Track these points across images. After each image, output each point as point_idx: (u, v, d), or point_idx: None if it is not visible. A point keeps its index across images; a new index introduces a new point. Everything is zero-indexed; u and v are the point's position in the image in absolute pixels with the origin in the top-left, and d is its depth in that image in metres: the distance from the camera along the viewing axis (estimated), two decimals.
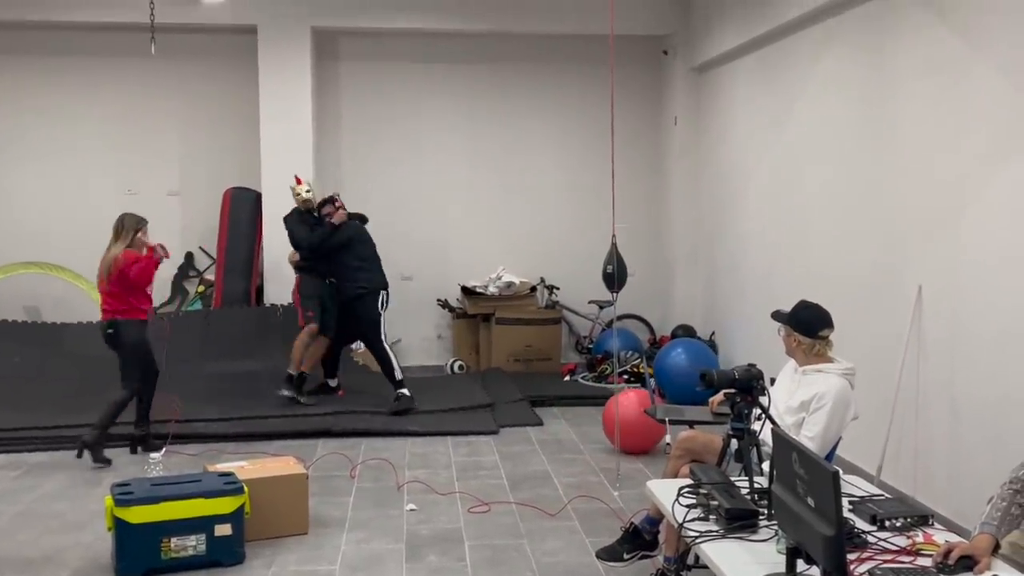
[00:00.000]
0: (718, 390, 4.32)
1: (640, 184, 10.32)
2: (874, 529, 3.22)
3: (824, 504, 2.63)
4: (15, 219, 9.90)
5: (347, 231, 8.17)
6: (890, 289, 5.96)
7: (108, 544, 4.95)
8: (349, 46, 10.20)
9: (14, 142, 9.91)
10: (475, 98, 10.34)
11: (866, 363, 5.00)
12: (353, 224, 8.28)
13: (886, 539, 3.15)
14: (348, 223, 8.21)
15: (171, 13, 8.84)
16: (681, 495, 3.48)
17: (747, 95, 8.61)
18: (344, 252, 8.14)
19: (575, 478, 6.45)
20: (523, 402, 8.48)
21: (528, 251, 10.42)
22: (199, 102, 10.08)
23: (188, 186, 10.10)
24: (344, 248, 8.13)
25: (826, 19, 6.91)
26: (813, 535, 2.66)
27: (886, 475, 5.70)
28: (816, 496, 2.69)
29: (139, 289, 6.75)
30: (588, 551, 5.08)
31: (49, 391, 8.16)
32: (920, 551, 3.04)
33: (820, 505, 2.66)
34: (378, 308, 8.14)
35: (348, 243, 8.14)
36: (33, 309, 9.81)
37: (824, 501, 2.63)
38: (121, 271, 6.64)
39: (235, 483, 4.98)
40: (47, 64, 9.88)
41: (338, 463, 6.79)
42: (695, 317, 9.88)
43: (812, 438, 4.10)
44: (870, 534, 3.17)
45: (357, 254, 8.18)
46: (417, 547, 5.18)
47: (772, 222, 7.97)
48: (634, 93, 10.19)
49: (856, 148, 6.46)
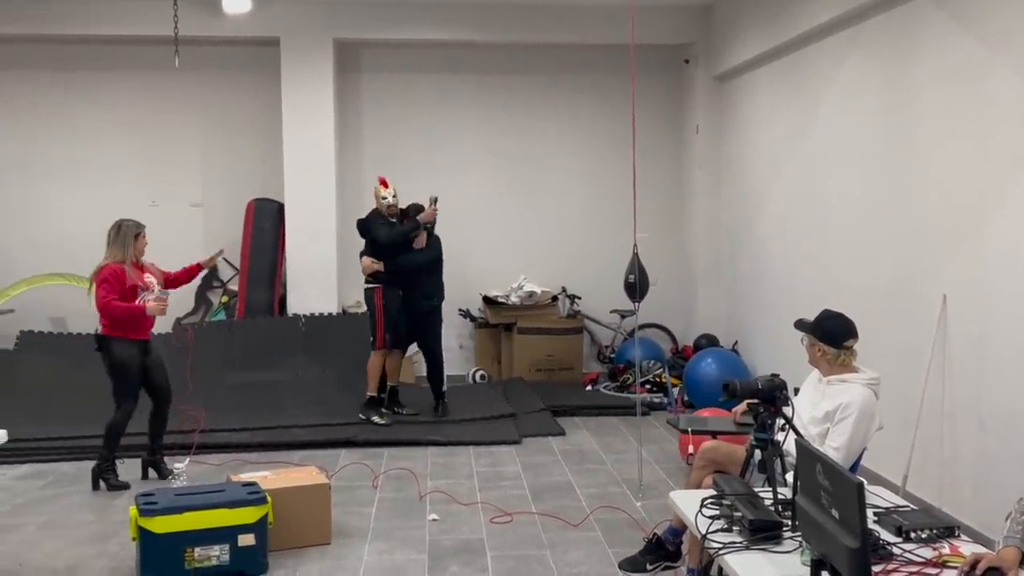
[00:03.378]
0: (741, 400, 4.31)
1: (661, 193, 10.30)
2: (899, 541, 3.19)
3: (849, 515, 2.61)
4: (41, 231, 10.00)
5: (435, 250, 8.12)
6: (914, 298, 5.91)
7: (132, 554, 4.98)
8: (371, 57, 10.25)
9: (39, 155, 10.02)
10: (496, 108, 10.37)
11: (891, 373, 4.96)
12: (437, 242, 8.19)
13: (912, 551, 3.11)
14: (435, 238, 8.16)
15: (194, 25, 8.91)
16: (704, 506, 3.46)
17: (769, 104, 8.59)
18: (428, 269, 8.07)
19: (597, 488, 6.43)
20: (545, 412, 8.47)
21: (549, 261, 10.41)
22: (222, 114, 10.16)
23: (211, 197, 10.17)
24: (434, 261, 8.10)
25: (847, 27, 6.88)
26: (838, 547, 2.64)
27: (911, 486, 5.64)
28: (841, 507, 2.67)
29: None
30: (611, 562, 5.06)
31: (74, 402, 8.21)
32: (946, 563, 3.01)
33: (845, 516, 2.64)
34: (440, 320, 8.28)
35: (433, 261, 8.10)
36: (59, 320, 9.90)
37: (849, 512, 2.61)
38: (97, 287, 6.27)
39: (258, 493, 5.00)
40: (71, 77, 9.99)
41: (361, 473, 6.80)
42: (718, 326, 9.84)
43: (837, 449, 4.07)
44: (895, 546, 3.14)
45: (435, 269, 8.18)
46: (439, 558, 5.18)
47: (794, 231, 7.93)
48: (655, 102, 10.19)
49: (878, 156, 6.43)
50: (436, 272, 8.19)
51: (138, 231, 6.47)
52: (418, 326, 8.17)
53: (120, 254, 6.36)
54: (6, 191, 10.02)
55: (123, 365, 6.36)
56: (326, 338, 9.19)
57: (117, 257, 6.35)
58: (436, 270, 8.19)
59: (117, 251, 6.37)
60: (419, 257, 8.00)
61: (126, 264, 6.34)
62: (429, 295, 8.13)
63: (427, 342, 8.27)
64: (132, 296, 6.31)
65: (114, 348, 6.33)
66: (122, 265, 6.32)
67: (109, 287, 6.23)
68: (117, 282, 6.26)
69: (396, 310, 8.00)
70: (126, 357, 6.36)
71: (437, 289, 8.21)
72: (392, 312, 7.98)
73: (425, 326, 8.18)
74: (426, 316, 8.14)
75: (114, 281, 6.25)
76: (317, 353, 9.10)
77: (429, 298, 8.13)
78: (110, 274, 6.27)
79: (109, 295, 6.21)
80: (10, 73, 9.93)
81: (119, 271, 6.29)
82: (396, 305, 8.00)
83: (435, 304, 8.20)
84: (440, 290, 8.26)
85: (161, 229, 9.95)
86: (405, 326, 8.11)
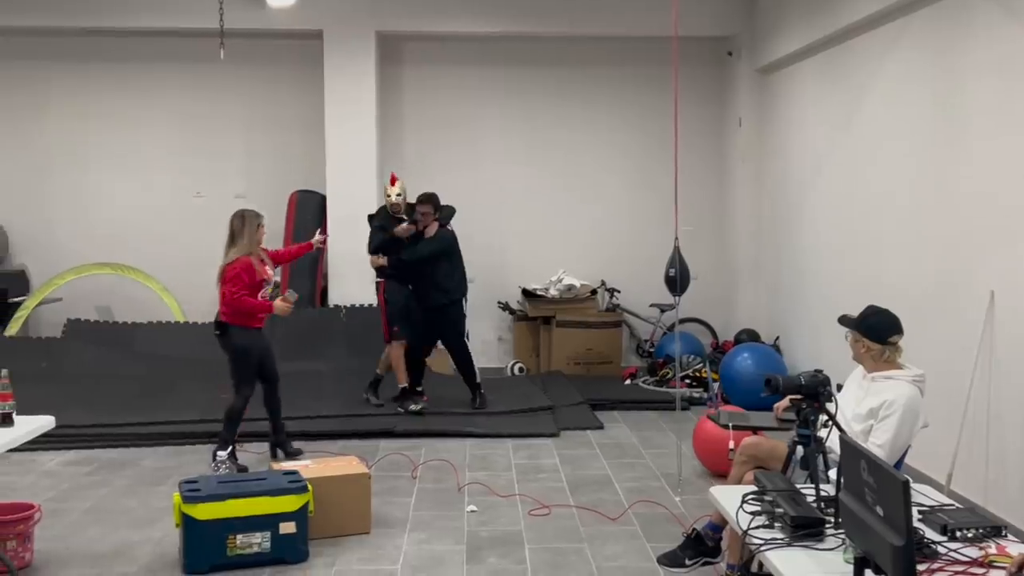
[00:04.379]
0: (783, 396, 4.27)
1: (703, 186, 10.24)
2: (945, 540, 3.15)
3: (893, 513, 2.58)
4: (89, 221, 10.18)
5: (440, 243, 7.95)
6: (961, 294, 5.82)
7: (176, 540, 5.05)
8: (412, 50, 10.28)
9: (89, 145, 10.20)
10: (536, 100, 10.36)
11: (936, 370, 4.89)
12: (445, 235, 8.03)
13: (957, 550, 3.07)
14: (441, 232, 7.99)
15: (239, 18, 8.99)
16: (745, 502, 3.43)
17: (813, 97, 8.49)
18: (433, 263, 7.96)
19: (636, 482, 6.41)
20: (583, 405, 8.46)
21: (589, 254, 10.40)
22: (266, 106, 10.26)
23: (254, 189, 10.26)
24: (435, 260, 7.95)
25: (894, 19, 6.79)
26: (882, 545, 2.61)
27: (956, 484, 5.57)
28: (885, 505, 2.64)
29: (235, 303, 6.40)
30: (649, 556, 5.05)
31: (120, 389, 8.36)
32: (993, 563, 2.97)
33: (889, 514, 2.61)
34: (461, 316, 8.12)
35: (439, 255, 7.95)
36: (105, 309, 10.06)
37: (894, 510, 2.58)
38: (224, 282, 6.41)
39: (299, 481, 5.05)
40: (118, 70, 10.14)
41: (400, 463, 6.84)
42: (759, 322, 9.76)
43: (881, 446, 4.02)
44: (940, 544, 3.10)
45: (445, 264, 8.01)
46: (478, 549, 5.20)
47: (838, 225, 7.84)
48: (697, 95, 10.12)
49: (926, 150, 6.33)
50: (448, 266, 8.01)
51: (259, 220, 6.57)
52: (435, 322, 8.08)
53: (248, 246, 6.47)
54: (56, 181, 10.21)
55: (245, 352, 6.53)
56: (367, 329, 9.23)
57: (245, 251, 6.45)
58: (447, 264, 8.00)
59: (245, 244, 6.46)
60: (423, 249, 7.87)
61: (253, 257, 6.47)
62: (443, 289, 7.98)
63: (447, 339, 8.21)
64: (258, 289, 6.47)
65: (236, 335, 6.48)
66: (251, 259, 6.44)
67: (239, 282, 6.35)
68: (248, 276, 6.40)
69: (403, 304, 7.99)
70: (247, 344, 6.52)
71: (452, 284, 8.02)
72: (397, 305, 7.98)
73: (442, 323, 8.07)
74: (440, 311, 8.02)
75: (246, 276, 6.38)
76: (358, 344, 9.16)
77: (443, 292, 7.98)
78: (242, 269, 6.38)
79: (240, 290, 6.35)
80: (62, 64, 10.12)
81: (250, 266, 6.42)
82: (402, 299, 7.99)
83: (450, 299, 8.01)
84: (457, 285, 8.07)
85: (205, 220, 10.17)
86: (422, 322, 8.04)
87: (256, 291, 6.46)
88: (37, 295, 9.51)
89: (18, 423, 4.66)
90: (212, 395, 7.70)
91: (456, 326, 8.12)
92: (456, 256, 8.12)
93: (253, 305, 6.42)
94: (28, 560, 4.90)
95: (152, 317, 9.59)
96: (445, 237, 8.02)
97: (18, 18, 9.40)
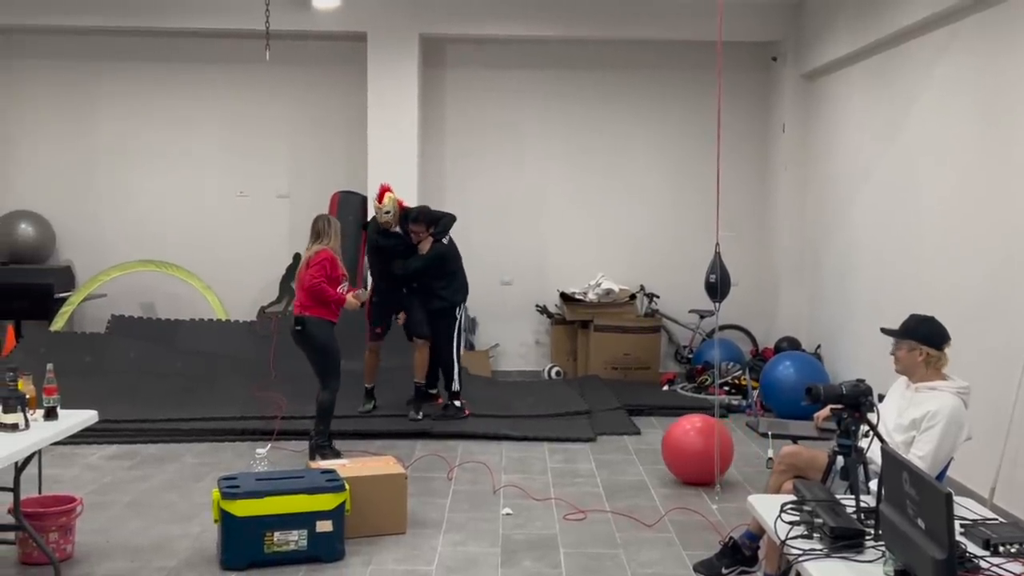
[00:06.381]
0: (824, 405, 4.22)
1: (745, 192, 10.17)
2: (987, 554, 3.10)
3: (935, 526, 2.55)
4: (133, 219, 10.32)
5: (430, 260, 7.88)
6: (1007, 303, 5.73)
7: (214, 535, 5.10)
8: (455, 53, 10.32)
9: (134, 145, 10.34)
10: (578, 104, 10.34)
11: (981, 380, 4.81)
12: (438, 249, 7.95)
13: (1000, 565, 3.02)
14: (435, 247, 7.93)
15: (284, 20, 9.09)
16: (784, 511, 3.40)
17: (858, 103, 8.40)
18: (430, 275, 7.96)
19: (672, 489, 6.38)
20: (620, 410, 8.42)
21: (628, 258, 10.36)
22: (309, 107, 10.35)
23: (297, 189, 10.36)
24: (428, 272, 7.94)
25: (942, 26, 6.69)
26: (923, 558, 2.57)
27: (999, 498, 5.47)
28: (927, 518, 2.60)
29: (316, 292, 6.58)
30: (685, 564, 5.01)
31: (162, 385, 8.45)
32: None
33: (931, 527, 2.58)
34: (453, 321, 8.06)
35: (431, 269, 7.91)
36: (148, 305, 10.20)
37: (936, 523, 2.55)
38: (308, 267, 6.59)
39: (337, 480, 5.08)
40: (165, 70, 10.27)
41: (436, 464, 6.86)
42: (800, 330, 9.67)
43: (922, 457, 3.97)
44: (983, 559, 3.05)
45: (440, 273, 7.97)
46: (512, 552, 5.20)
47: (883, 233, 7.75)
48: (740, 100, 10.05)
49: (974, 157, 6.24)
50: (444, 278, 7.98)
51: (339, 228, 6.84)
52: (430, 323, 8.07)
53: (335, 243, 6.74)
54: (102, 178, 10.36)
55: (328, 344, 6.71)
56: None
57: (332, 245, 6.71)
58: (443, 275, 7.96)
59: (332, 241, 6.72)
60: (413, 264, 7.85)
61: (337, 254, 6.72)
62: (439, 296, 7.98)
63: (438, 339, 8.13)
64: (336, 284, 6.67)
65: (316, 329, 6.63)
66: (335, 254, 6.69)
67: (322, 270, 6.57)
68: (331, 267, 6.63)
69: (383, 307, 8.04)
70: (329, 337, 6.70)
71: (450, 291, 8.01)
72: (379, 307, 8.03)
73: (436, 326, 8.06)
74: (435, 314, 8.03)
75: (328, 266, 6.61)
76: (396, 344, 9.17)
77: (439, 298, 7.98)
78: (326, 258, 6.62)
79: (320, 277, 6.55)
80: (110, 63, 10.27)
81: (333, 258, 6.67)
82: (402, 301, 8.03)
83: (445, 304, 8.01)
84: (455, 292, 8.06)
85: (248, 219, 10.27)
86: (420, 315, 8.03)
87: (334, 285, 6.65)
88: (82, 291, 9.66)
89: (62, 417, 4.75)
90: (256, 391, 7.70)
91: (448, 328, 8.09)
92: (452, 267, 8.07)
93: (330, 294, 6.59)
94: (69, 552, 4.98)
95: (194, 314, 9.70)
96: (438, 252, 7.96)
97: (71, 18, 9.56)
